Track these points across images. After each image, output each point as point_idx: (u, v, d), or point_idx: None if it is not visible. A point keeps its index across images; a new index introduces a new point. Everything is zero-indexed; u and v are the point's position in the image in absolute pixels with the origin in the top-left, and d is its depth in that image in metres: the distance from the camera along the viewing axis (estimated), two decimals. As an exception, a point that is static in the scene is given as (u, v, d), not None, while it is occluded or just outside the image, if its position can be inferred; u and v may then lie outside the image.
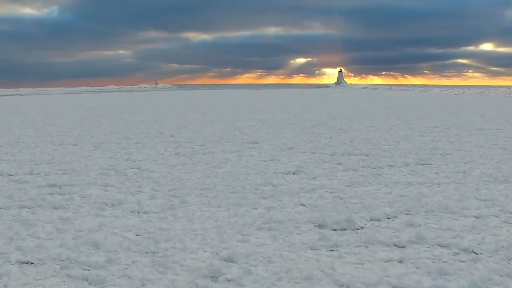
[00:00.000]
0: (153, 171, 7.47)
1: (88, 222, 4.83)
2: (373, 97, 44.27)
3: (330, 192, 5.95)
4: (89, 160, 8.64)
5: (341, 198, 5.65)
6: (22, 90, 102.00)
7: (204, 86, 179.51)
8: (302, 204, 5.40)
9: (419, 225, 4.64)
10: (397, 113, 20.09)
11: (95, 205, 5.48)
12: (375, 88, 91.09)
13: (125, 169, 7.74)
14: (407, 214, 5.05)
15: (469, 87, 68.41)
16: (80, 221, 4.87)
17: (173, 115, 20.21)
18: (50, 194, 6.08)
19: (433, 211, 5.12)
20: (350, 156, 8.83)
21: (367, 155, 8.87)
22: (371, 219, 4.84)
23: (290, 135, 12.18)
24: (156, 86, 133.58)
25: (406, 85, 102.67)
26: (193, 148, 9.99)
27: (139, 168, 7.81)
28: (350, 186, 6.33)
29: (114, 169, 7.69)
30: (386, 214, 5.00)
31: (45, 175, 7.34)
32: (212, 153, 9.24)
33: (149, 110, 24.23)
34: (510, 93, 52.36)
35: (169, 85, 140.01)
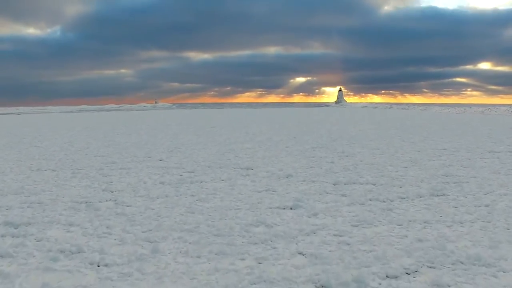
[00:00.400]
0: (130, 205, 6.51)
1: (31, 280, 3.85)
2: (374, 116, 43.56)
3: (334, 235, 4.98)
4: (62, 190, 7.69)
5: (348, 244, 4.67)
6: (22, 109, 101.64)
7: (204, 105, 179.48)
8: (301, 253, 4.43)
9: (449, 286, 3.66)
10: (401, 134, 19.20)
11: (49, 253, 4.51)
12: (375, 107, 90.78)
13: (100, 201, 6.78)
14: (431, 267, 4.07)
15: (469, 105, 67.72)
16: (23, 278, 3.90)
17: (167, 136, 19.32)
18: (2, 236, 5.12)
19: (462, 263, 4.15)
20: (355, 185, 7.88)
21: (374, 184, 7.92)
22: (387, 276, 3.87)
23: (288, 159, 11.24)
24: (156, 105, 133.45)
25: (407, 104, 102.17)
26: (181, 175, 9.04)
27: (115, 201, 6.84)
28: (357, 226, 5.36)
29: (86, 202, 6.73)
30: (405, 268, 4.02)
31: (6, 210, 6.38)
32: (201, 182, 8.29)
33: (143, 130, 23.36)
34: (512, 111, 51.66)
35: (169, 104, 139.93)
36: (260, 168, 9.79)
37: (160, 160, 11.29)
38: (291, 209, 6.23)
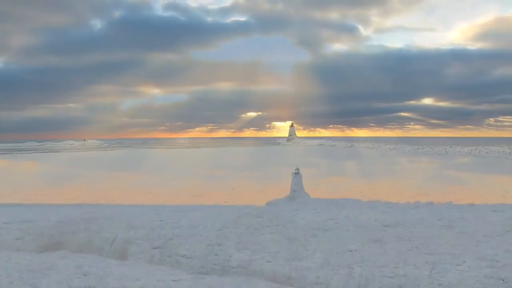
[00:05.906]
0: None
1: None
2: (347, 164, 30.76)
3: None
4: None
5: None
6: None
7: (144, 140, 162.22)
8: None
9: None
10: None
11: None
12: (333, 145, 79.35)
13: None
14: None
15: (450, 144, 56.60)
16: None
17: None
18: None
19: None
20: None
21: None
22: None
23: None
24: (84, 143, 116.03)
25: (369, 140, 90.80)
26: None
27: None
28: None
29: None
30: None
31: None
32: None
33: None
34: (509, 153, 41.50)
35: (99, 141, 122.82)
36: None
37: None
38: None
